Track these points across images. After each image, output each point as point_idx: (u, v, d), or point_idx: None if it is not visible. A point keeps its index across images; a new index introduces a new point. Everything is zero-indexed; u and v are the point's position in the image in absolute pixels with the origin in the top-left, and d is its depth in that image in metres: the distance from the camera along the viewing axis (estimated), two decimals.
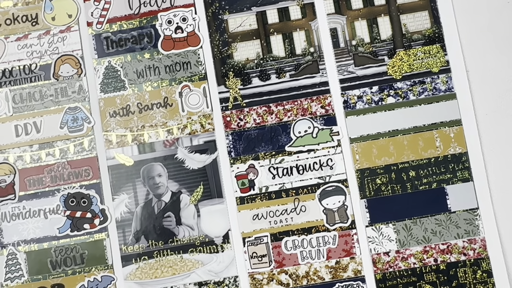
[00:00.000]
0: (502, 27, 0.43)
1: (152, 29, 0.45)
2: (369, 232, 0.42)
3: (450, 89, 0.43)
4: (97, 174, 0.44)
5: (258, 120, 0.44)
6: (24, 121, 0.45)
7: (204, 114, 0.44)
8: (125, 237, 0.43)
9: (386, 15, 0.44)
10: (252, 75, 0.44)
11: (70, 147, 0.45)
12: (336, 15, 0.44)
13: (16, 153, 0.45)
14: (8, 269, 0.43)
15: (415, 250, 0.42)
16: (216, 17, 0.45)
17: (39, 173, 0.44)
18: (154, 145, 0.44)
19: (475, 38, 0.43)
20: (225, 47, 0.45)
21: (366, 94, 0.43)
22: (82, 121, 0.45)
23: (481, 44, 0.43)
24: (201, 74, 0.44)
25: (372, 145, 0.43)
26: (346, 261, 0.42)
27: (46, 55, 0.45)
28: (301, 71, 0.44)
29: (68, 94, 0.45)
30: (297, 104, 0.44)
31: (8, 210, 0.44)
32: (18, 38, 0.46)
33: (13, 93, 0.45)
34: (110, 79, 0.45)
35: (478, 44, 0.43)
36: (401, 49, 0.43)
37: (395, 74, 0.43)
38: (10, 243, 0.44)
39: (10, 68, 0.45)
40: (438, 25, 0.43)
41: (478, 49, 0.43)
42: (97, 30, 0.45)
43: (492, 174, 0.42)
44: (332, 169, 0.43)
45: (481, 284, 0.41)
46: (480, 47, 0.43)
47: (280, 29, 0.45)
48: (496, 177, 0.42)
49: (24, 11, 0.46)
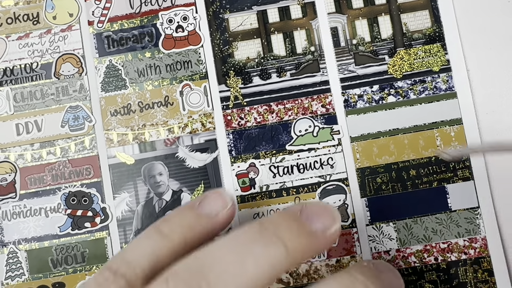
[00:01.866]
0: (502, 26, 0.43)
1: (153, 28, 0.45)
2: (370, 231, 0.42)
3: (450, 88, 0.43)
4: (98, 173, 0.44)
5: (259, 119, 0.44)
6: (25, 120, 0.45)
7: (205, 113, 0.44)
8: (126, 236, 0.44)
9: (386, 14, 0.44)
10: (253, 74, 0.44)
11: (71, 145, 0.45)
12: (337, 14, 0.44)
13: (17, 152, 0.45)
14: (9, 268, 0.44)
15: (416, 249, 0.42)
16: (217, 16, 0.45)
17: (40, 171, 0.44)
18: (155, 144, 0.44)
19: (475, 37, 0.43)
20: (226, 46, 0.45)
21: (367, 93, 0.43)
22: (83, 119, 0.45)
23: (481, 43, 0.43)
24: (202, 73, 0.44)
25: (373, 144, 0.43)
26: (347, 260, 0.42)
27: (47, 54, 0.45)
28: (301, 70, 0.44)
29: (69, 93, 0.45)
30: (297, 103, 0.44)
31: (9, 209, 0.44)
32: (19, 37, 0.46)
33: (14, 92, 0.45)
34: (111, 78, 0.45)
35: (479, 43, 0.43)
36: (402, 48, 0.43)
37: (396, 73, 0.43)
38: (11, 241, 0.44)
39: (11, 67, 0.46)
40: (439, 24, 0.43)
41: (479, 48, 0.43)
42: (98, 29, 0.45)
43: (493, 173, 0.42)
44: (332, 168, 0.43)
45: (482, 283, 0.41)
46: (480, 46, 0.43)
47: (280, 28, 0.45)
48: (497, 176, 0.42)
49: (25, 10, 0.46)
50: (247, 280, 0.28)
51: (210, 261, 0.29)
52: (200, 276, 0.28)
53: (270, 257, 0.29)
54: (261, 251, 0.29)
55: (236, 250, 0.29)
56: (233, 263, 0.28)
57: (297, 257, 0.30)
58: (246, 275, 0.28)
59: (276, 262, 0.29)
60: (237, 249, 0.29)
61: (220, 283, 0.28)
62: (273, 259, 0.29)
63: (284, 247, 0.29)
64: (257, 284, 0.28)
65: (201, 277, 0.28)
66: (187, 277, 0.28)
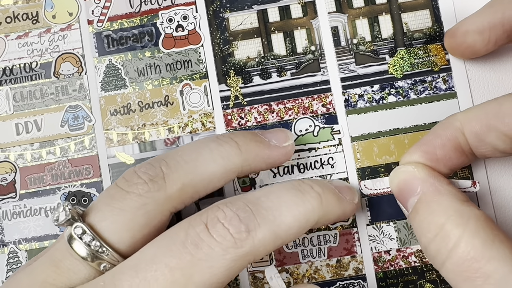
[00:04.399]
0: None
1: (153, 27, 0.45)
2: (370, 230, 0.42)
3: (450, 88, 0.43)
4: (98, 173, 0.44)
5: (259, 119, 0.44)
6: (24, 120, 0.45)
7: (205, 112, 0.44)
8: None
9: (387, 13, 0.44)
10: (253, 73, 0.44)
11: (71, 145, 0.44)
12: (337, 13, 0.44)
13: (17, 152, 0.45)
14: (10, 267, 0.44)
15: (416, 249, 0.42)
16: (217, 15, 0.45)
17: (40, 171, 0.44)
18: (155, 144, 0.44)
19: None
20: (226, 46, 0.45)
21: (367, 93, 0.43)
22: (82, 119, 0.45)
23: None
24: (202, 73, 0.44)
25: (373, 144, 0.43)
26: (347, 260, 0.42)
27: (47, 53, 0.45)
28: (302, 70, 0.44)
29: (69, 92, 0.45)
30: (298, 103, 0.44)
31: (9, 208, 0.44)
32: (19, 36, 0.46)
33: (14, 92, 0.45)
34: (111, 77, 0.45)
35: None
36: (402, 48, 0.43)
37: (396, 72, 0.43)
38: (11, 241, 0.44)
39: (10, 66, 0.45)
40: (439, 24, 0.43)
41: None
42: (98, 28, 0.45)
43: (491, 173, 0.42)
44: (333, 168, 0.43)
45: None
46: None
47: (281, 28, 0.45)
48: (496, 175, 0.42)
49: (25, 9, 0.46)
50: (199, 164, 0.35)
51: (173, 151, 0.37)
52: (160, 160, 0.36)
53: (222, 150, 0.35)
54: (215, 146, 0.36)
55: (195, 144, 0.37)
56: (190, 151, 0.36)
57: (249, 158, 0.36)
58: (199, 160, 0.35)
59: (227, 154, 0.36)
60: (196, 144, 0.37)
61: (175, 164, 0.36)
62: (225, 151, 0.36)
63: (235, 143, 0.36)
64: (210, 170, 0.36)
65: (161, 160, 0.36)
66: (151, 160, 0.36)
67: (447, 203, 0.32)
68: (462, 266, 0.30)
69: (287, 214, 0.34)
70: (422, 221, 0.33)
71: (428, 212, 0.33)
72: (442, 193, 0.33)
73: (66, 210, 0.34)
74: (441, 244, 0.31)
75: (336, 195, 0.37)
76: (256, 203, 0.33)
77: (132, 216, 0.34)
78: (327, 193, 0.36)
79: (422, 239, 0.33)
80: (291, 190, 0.35)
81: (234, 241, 0.32)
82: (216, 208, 0.34)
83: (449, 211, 0.32)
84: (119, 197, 0.34)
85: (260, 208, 0.33)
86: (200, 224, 0.33)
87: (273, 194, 0.34)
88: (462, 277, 0.30)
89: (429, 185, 0.34)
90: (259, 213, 0.33)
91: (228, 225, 0.32)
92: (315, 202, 0.35)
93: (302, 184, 0.36)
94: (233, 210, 0.33)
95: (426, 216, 0.33)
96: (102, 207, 0.35)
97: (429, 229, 0.32)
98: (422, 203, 0.34)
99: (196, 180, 0.35)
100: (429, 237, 0.32)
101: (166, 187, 0.34)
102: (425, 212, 0.33)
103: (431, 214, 0.33)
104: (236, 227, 0.32)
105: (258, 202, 0.34)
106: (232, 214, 0.33)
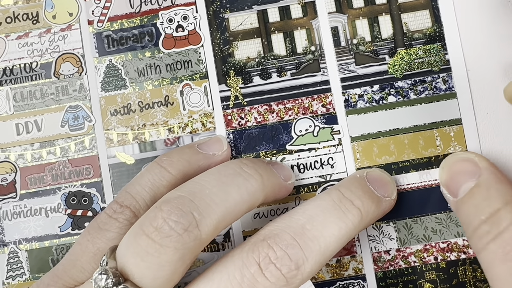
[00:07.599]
0: (502, 27, 0.43)
1: (153, 27, 0.45)
2: (370, 230, 0.42)
3: (450, 88, 0.43)
4: (98, 173, 0.44)
5: (259, 119, 0.44)
6: (25, 120, 0.45)
7: (205, 112, 0.44)
8: None
9: (387, 14, 0.44)
10: (253, 73, 0.44)
11: (71, 145, 0.45)
12: (337, 13, 0.44)
13: (17, 152, 0.45)
14: (10, 267, 0.44)
15: (416, 249, 0.42)
16: (217, 15, 0.45)
17: (40, 171, 0.44)
18: (155, 144, 0.44)
19: (475, 37, 0.43)
20: (226, 46, 0.45)
21: (367, 93, 0.43)
22: (83, 119, 0.45)
23: (481, 43, 0.43)
24: (202, 73, 0.44)
25: (373, 144, 0.43)
26: (347, 260, 0.42)
27: (47, 54, 0.45)
28: (302, 70, 0.44)
29: (69, 92, 0.45)
30: (298, 103, 0.44)
31: (10, 209, 0.44)
32: (19, 37, 0.46)
33: (14, 92, 0.45)
34: (111, 77, 0.45)
35: (479, 43, 0.43)
36: (402, 48, 0.44)
37: (396, 73, 0.43)
38: (12, 241, 0.44)
39: (10, 66, 0.45)
40: (439, 24, 0.43)
41: (479, 48, 0.43)
42: (98, 28, 0.45)
43: None
44: (333, 168, 0.43)
45: (481, 282, 0.41)
46: (480, 46, 0.43)
47: (281, 28, 0.45)
48: None
49: (25, 9, 0.46)
50: (230, 204, 0.34)
51: (199, 189, 0.34)
52: (189, 202, 0.33)
53: (249, 186, 0.36)
54: (242, 181, 0.35)
55: (221, 180, 0.35)
56: (218, 191, 0.34)
57: (268, 192, 0.37)
58: (229, 200, 0.34)
59: (253, 190, 0.36)
60: (222, 180, 0.35)
61: (207, 208, 0.33)
62: (251, 187, 0.36)
63: (261, 177, 0.37)
64: (238, 209, 0.35)
65: (190, 203, 0.33)
66: (179, 203, 0.33)
67: (506, 191, 0.34)
68: (506, 248, 0.32)
69: (332, 240, 0.34)
70: (477, 204, 0.35)
71: (485, 196, 0.35)
72: (502, 182, 0.35)
73: (109, 274, 0.32)
74: (492, 226, 0.33)
75: (375, 201, 0.37)
76: (302, 233, 0.34)
77: (173, 269, 0.33)
78: (368, 205, 0.37)
79: (474, 220, 0.35)
80: (333, 212, 0.35)
81: (286, 281, 0.33)
82: (267, 246, 0.33)
83: (507, 198, 0.34)
84: (154, 252, 0.32)
85: (307, 240, 0.34)
86: (254, 264, 0.33)
87: (317, 219, 0.35)
88: (501, 259, 0.32)
89: (491, 173, 0.36)
90: (306, 246, 0.33)
91: (280, 266, 0.33)
92: (357, 220, 0.36)
93: (343, 200, 0.36)
94: (283, 249, 0.33)
95: (482, 201, 0.35)
96: (138, 262, 0.32)
97: (484, 211, 0.34)
98: (480, 187, 0.35)
99: (227, 219, 0.35)
100: (482, 219, 0.34)
101: (201, 235, 0.33)
102: (481, 196, 0.35)
103: (488, 199, 0.34)
104: (288, 267, 0.33)
105: (303, 232, 0.34)
106: (283, 254, 0.33)
